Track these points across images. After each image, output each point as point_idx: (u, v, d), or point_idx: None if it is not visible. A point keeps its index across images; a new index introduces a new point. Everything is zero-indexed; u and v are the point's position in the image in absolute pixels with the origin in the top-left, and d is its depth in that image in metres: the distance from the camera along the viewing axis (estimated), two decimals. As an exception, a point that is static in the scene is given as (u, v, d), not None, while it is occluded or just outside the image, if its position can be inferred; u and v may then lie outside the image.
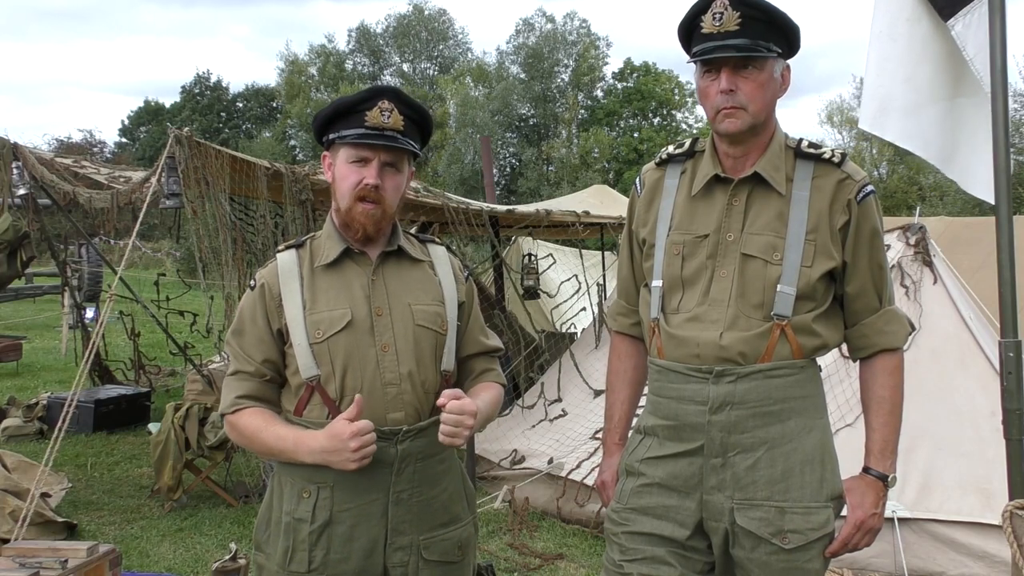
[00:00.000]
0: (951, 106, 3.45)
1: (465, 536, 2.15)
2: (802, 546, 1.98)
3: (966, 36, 3.31)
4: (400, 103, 2.02)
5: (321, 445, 1.91)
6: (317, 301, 2.03)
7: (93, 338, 5.79)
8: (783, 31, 1.97)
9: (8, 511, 4.55)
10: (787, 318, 1.97)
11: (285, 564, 2.01)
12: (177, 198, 5.24)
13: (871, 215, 2.03)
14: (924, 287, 5.00)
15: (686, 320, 2.03)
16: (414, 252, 2.15)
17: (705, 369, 1.99)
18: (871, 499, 2.03)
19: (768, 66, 1.96)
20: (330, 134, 2.05)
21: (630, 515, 2.09)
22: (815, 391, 2.06)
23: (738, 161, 2.04)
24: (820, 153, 2.04)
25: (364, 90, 2.04)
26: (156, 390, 9.19)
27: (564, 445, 5.73)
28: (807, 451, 2.00)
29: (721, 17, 1.92)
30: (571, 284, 7.87)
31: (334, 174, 2.07)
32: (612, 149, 37.51)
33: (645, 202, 2.19)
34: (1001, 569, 4.06)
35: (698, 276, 2.04)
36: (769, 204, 2.02)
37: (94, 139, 38.02)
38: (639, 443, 2.14)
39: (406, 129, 2.03)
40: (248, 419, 2.03)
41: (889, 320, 2.08)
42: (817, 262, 1.99)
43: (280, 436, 1.98)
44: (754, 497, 1.98)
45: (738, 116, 1.95)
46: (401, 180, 2.07)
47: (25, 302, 16.85)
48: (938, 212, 17.69)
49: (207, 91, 48.67)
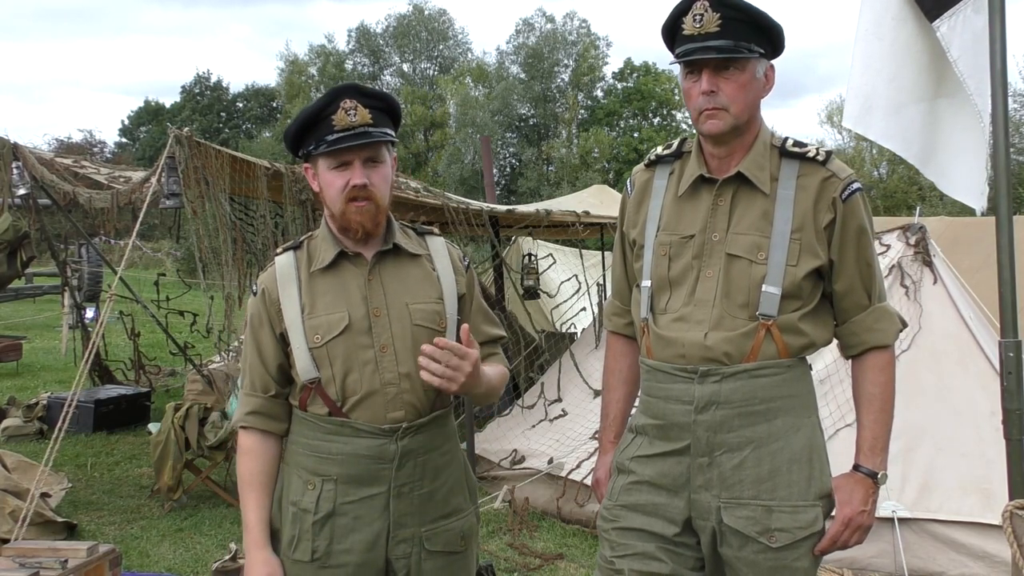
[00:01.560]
0: (931, 106, 3.45)
1: (467, 527, 2.17)
2: (789, 544, 1.98)
3: (951, 37, 3.31)
4: (362, 97, 2.02)
5: (249, 570, 2.05)
6: (315, 305, 2.05)
7: (93, 338, 5.79)
8: (765, 31, 1.97)
9: (8, 511, 4.55)
10: (772, 318, 1.98)
11: (290, 552, 2.06)
12: (177, 198, 5.24)
13: (858, 212, 2.02)
14: (924, 287, 4.99)
15: (673, 320, 2.04)
16: (411, 247, 2.14)
17: (690, 369, 2.00)
18: (860, 496, 2.03)
19: (750, 67, 1.96)
20: (306, 147, 2.05)
21: (620, 511, 2.10)
22: (803, 390, 2.06)
23: (723, 161, 2.05)
24: (805, 152, 2.04)
25: (323, 95, 2.03)
26: (156, 390, 9.19)
27: (564, 445, 5.73)
28: (795, 450, 2.00)
29: (701, 19, 1.93)
30: (571, 284, 7.87)
31: (319, 183, 2.07)
32: (612, 149, 37.51)
33: (635, 203, 2.20)
34: (1001, 569, 4.06)
35: (684, 276, 2.05)
36: (754, 204, 2.02)
37: (94, 139, 38.10)
38: (631, 442, 2.15)
39: (376, 120, 2.01)
40: (245, 458, 2.12)
41: (879, 317, 2.07)
42: (802, 261, 1.99)
43: (247, 508, 2.08)
44: (741, 496, 1.99)
45: (719, 117, 1.96)
46: (386, 170, 2.07)
47: (25, 302, 16.85)
48: (938, 212, 17.66)
49: (207, 91, 48.65)
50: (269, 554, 2.05)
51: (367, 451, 2.03)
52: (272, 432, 2.10)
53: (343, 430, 2.03)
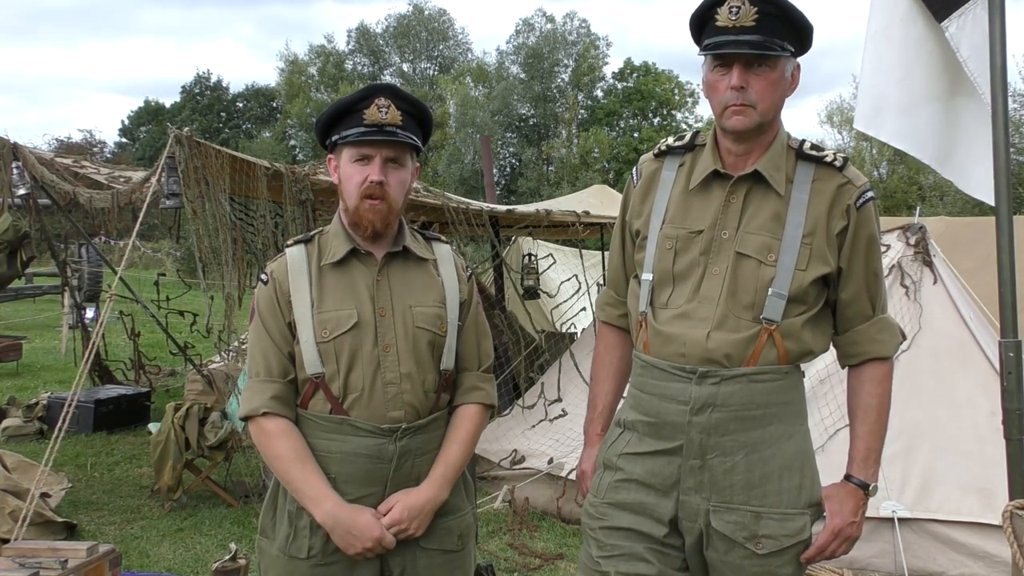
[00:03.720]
0: (947, 106, 3.45)
1: (464, 526, 2.18)
2: (776, 552, 1.96)
3: (960, 37, 3.32)
4: (397, 99, 2.04)
5: (340, 522, 1.99)
6: (324, 300, 2.06)
7: (93, 338, 5.79)
8: (798, 30, 1.95)
9: (8, 511, 4.55)
10: (776, 322, 1.96)
11: (285, 549, 2.06)
12: (177, 198, 5.24)
13: (870, 222, 2.01)
14: (924, 287, 5.00)
15: (674, 316, 2.01)
16: (419, 251, 2.16)
17: (689, 369, 1.97)
18: (850, 507, 2.01)
19: (780, 65, 1.94)
20: (332, 136, 2.08)
21: (607, 510, 2.07)
22: (797, 398, 2.05)
23: (739, 158, 2.01)
24: (822, 156, 2.02)
25: (361, 89, 2.06)
26: (156, 390, 9.18)
27: (564, 445, 5.73)
28: (786, 457, 1.99)
29: (738, 11, 1.89)
30: (571, 284, 7.85)
31: (340, 175, 2.09)
32: (612, 149, 37.53)
33: (641, 192, 2.16)
34: (1001, 569, 4.06)
35: (689, 272, 2.02)
36: (767, 204, 1.99)
37: (94, 139, 38.05)
38: (618, 437, 2.12)
39: (405, 124, 2.04)
40: (280, 440, 2.04)
41: (881, 328, 2.06)
42: (812, 266, 1.97)
43: (306, 481, 2.01)
44: (731, 501, 1.97)
45: (746, 114, 1.93)
46: (405, 175, 2.08)
47: (25, 302, 16.83)
48: (938, 212, 17.69)
49: (207, 91, 48.67)
50: (360, 508, 2.02)
51: (366, 450, 2.03)
52: (292, 419, 2.08)
53: (342, 428, 2.04)
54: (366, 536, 1.99)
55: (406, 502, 2.04)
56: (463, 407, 2.19)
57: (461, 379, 2.20)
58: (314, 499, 2.00)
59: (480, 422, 2.20)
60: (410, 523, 2.03)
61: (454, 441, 2.14)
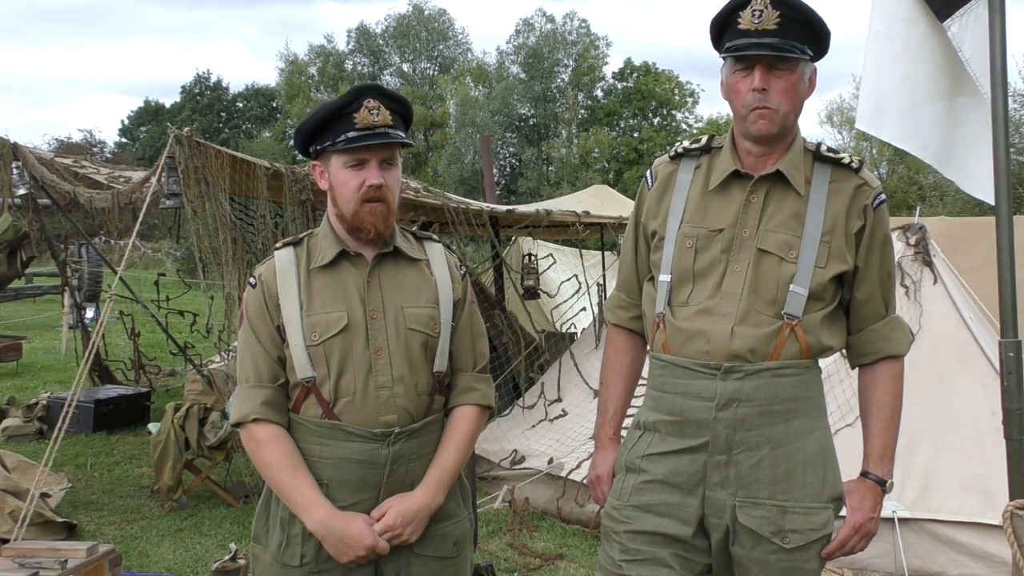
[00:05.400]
0: (949, 106, 3.45)
1: (460, 532, 2.15)
2: (802, 546, 1.99)
3: (962, 37, 3.32)
4: (385, 98, 2.02)
5: (332, 530, 1.96)
6: (313, 303, 2.03)
7: (93, 338, 5.80)
8: (817, 34, 1.99)
9: (8, 511, 4.55)
10: (797, 318, 1.98)
11: (278, 556, 2.03)
12: (177, 198, 5.24)
13: (884, 223, 2.07)
14: (924, 287, 5.00)
15: (696, 312, 2.03)
16: (411, 251, 2.14)
17: (713, 365, 1.99)
18: (870, 502, 2.05)
19: (799, 68, 1.97)
20: (318, 144, 2.04)
21: (632, 512, 2.07)
22: (817, 392, 2.07)
23: (759, 159, 2.05)
24: (839, 158, 2.06)
25: (347, 92, 2.03)
26: (156, 390, 9.18)
27: (564, 445, 5.73)
28: (810, 451, 2.01)
29: (761, 15, 1.93)
30: (571, 284, 7.86)
31: (330, 182, 2.05)
32: (612, 149, 37.54)
33: (656, 194, 2.17)
34: (1001, 569, 4.05)
35: (711, 270, 2.04)
36: (786, 203, 2.03)
37: (94, 139, 38.02)
38: (639, 439, 2.12)
39: (394, 123, 2.03)
40: (271, 447, 2.01)
41: (894, 328, 2.10)
42: (831, 264, 2.00)
43: (297, 488, 1.98)
44: (757, 495, 1.98)
45: (770, 118, 1.96)
46: (398, 173, 2.08)
47: (25, 302, 16.83)
48: (938, 212, 17.66)
49: (207, 91, 48.67)
50: (352, 515, 2.00)
51: (358, 455, 2.00)
52: (283, 425, 2.05)
53: (334, 433, 2.01)
54: (358, 544, 1.96)
55: (400, 508, 2.01)
56: (459, 409, 2.15)
57: (456, 380, 2.17)
58: (305, 507, 1.97)
59: (477, 424, 2.18)
60: (404, 529, 2.00)
61: (449, 444, 2.11)
